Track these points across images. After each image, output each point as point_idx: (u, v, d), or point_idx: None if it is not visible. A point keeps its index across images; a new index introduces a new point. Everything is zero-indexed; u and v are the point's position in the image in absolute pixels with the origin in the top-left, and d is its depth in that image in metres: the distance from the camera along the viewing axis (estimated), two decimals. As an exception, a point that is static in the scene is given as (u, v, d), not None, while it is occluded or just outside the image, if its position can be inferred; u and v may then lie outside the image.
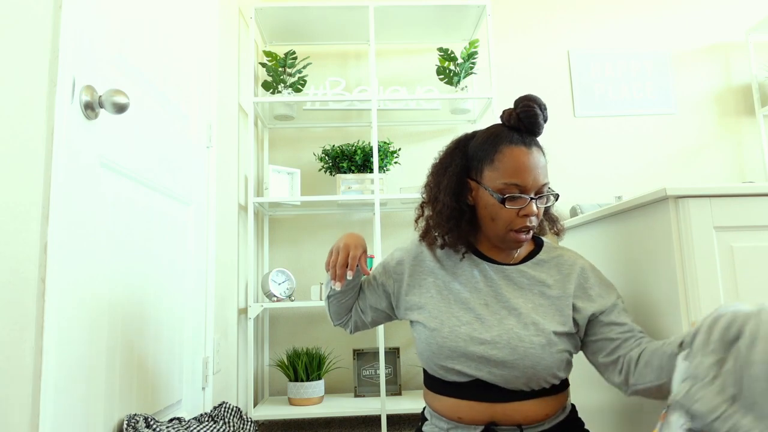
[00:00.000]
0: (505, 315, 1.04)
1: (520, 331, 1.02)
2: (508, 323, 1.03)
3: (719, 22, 2.72)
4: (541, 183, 1.04)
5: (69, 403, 0.94)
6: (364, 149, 2.31)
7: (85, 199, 1.00)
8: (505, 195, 1.02)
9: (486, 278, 1.09)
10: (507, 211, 1.03)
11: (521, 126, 1.06)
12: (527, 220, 1.03)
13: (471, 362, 1.02)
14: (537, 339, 1.01)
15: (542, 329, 1.02)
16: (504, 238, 1.06)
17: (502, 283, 1.08)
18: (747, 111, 2.65)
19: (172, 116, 1.45)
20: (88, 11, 1.02)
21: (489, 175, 1.05)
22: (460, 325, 1.04)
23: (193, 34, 1.63)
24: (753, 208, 1.05)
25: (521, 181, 1.02)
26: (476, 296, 1.08)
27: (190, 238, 1.54)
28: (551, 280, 1.08)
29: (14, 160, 0.82)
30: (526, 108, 1.04)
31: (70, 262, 0.94)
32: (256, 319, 2.35)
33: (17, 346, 0.81)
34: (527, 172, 1.02)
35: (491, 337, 1.02)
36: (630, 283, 1.25)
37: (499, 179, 1.03)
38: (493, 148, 1.06)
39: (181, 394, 1.44)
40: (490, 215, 1.06)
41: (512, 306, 1.05)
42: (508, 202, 1.03)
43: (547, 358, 1.00)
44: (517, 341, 1.01)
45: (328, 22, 2.39)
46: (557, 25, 2.69)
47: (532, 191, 1.03)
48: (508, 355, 1.00)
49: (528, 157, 1.03)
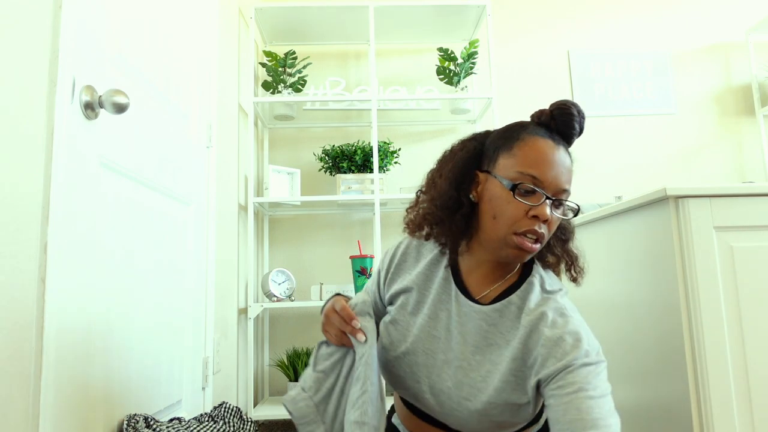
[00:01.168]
0: (448, 358, 0.91)
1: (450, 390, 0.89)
2: (445, 372, 0.90)
3: (719, 22, 2.72)
4: (563, 186, 0.86)
5: (69, 403, 0.94)
6: (364, 149, 2.31)
7: (85, 199, 1.00)
8: (517, 183, 0.84)
9: (449, 306, 0.94)
10: (514, 206, 0.84)
11: (552, 125, 0.90)
12: (536, 224, 0.84)
13: (407, 393, 0.95)
14: (466, 404, 0.87)
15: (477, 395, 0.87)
16: (504, 241, 0.86)
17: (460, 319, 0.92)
18: (747, 111, 2.65)
19: (172, 116, 1.45)
20: (88, 11, 1.02)
21: (503, 162, 0.88)
22: (407, 353, 0.93)
23: (193, 34, 1.63)
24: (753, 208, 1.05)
25: (539, 173, 0.84)
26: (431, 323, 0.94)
27: (190, 238, 1.54)
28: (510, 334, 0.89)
29: (14, 160, 0.82)
30: (562, 107, 0.89)
31: (70, 262, 0.94)
32: (256, 319, 2.35)
33: (17, 346, 0.81)
34: (549, 165, 0.85)
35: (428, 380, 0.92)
36: (630, 283, 1.25)
37: (515, 167, 0.85)
38: (515, 135, 0.89)
39: (181, 394, 1.44)
40: (493, 211, 0.86)
41: (458, 351, 0.90)
42: (519, 193, 0.84)
43: (473, 423, 0.88)
44: (446, 398, 0.89)
45: (328, 22, 2.39)
46: (557, 25, 2.69)
47: (551, 190, 0.85)
48: (437, 405, 0.91)
49: (553, 151, 0.86)
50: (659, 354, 1.12)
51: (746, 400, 1.00)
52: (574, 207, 0.89)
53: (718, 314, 1.02)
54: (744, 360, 1.01)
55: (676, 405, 1.06)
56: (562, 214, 0.88)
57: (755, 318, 1.02)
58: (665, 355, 1.10)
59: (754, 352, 1.02)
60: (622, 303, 1.28)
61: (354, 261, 2.16)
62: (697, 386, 1.01)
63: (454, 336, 0.91)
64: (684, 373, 1.03)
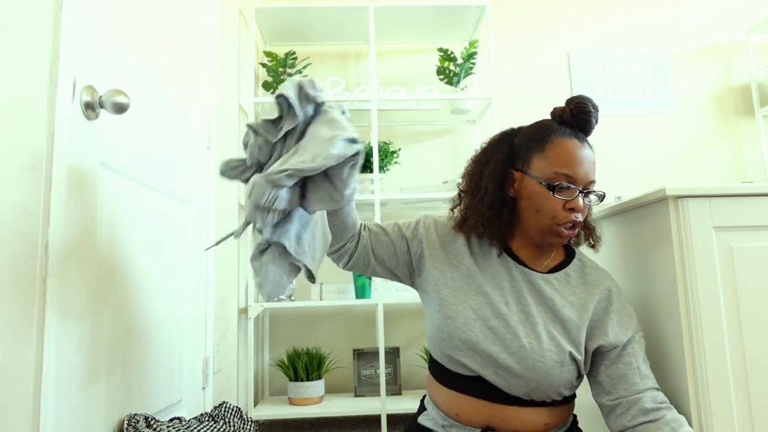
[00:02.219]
0: (522, 320, 1.01)
1: (533, 342, 0.98)
2: (522, 330, 1.00)
3: (719, 22, 2.72)
4: (591, 178, 1.02)
5: (69, 403, 0.94)
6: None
7: (86, 199, 1.00)
8: (555, 183, 0.99)
9: (511, 278, 1.05)
10: (554, 202, 1.00)
11: (573, 122, 1.04)
12: (573, 215, 1.00)
13: (478, 358, 0.99)
14: (550, 354, 0.98)
15: (558, 346, 0.98)
16: (547, 231, 1.01)
17: (525, 288, 1.04)
18: (747, 111, 2.65)
19: (173, 116, 1.45)
20: (88, 11, 1.02)
21: (538, 163, 1.02)
22: (476, 319, 1.01)
23: (193, 34, 1.63)
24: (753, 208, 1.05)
25: (572, 171, 0.99)
26: (498, 293, 1.04)
27: (190, 238, 1.54)
28: (574, 297, 1.04)
29: (15, 159, 0.82)
30: (580, 105, 1.03)
31: (70, 262, 0.94)
32: (256, 319, 2.35)
33: (17, 346, 0.81)
34: (579, 163, 1.00)
35: (504, 339, 0.99)
36: (629, 283, 1.25)
37: (550, 168, 1.00)
38: (544, 137, 1.03)
39: (181, 393, 1.44)
40: (534, 207, 1.02)
41: (530, 313, 1.01)
42: (557, 191, 0.99)
43: (555, 375, 0.97)
44: (528, 352, 0.98)
45: (328, 22, 2.39)
46: (557, 25, 2.69)
47: (582, 185, 1.01)
48: (516, 363, 0.98)
49: (580, 150, 1.01)
50: (659, 354, 1.12)
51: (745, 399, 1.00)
52: (601, 194, 1.05)
53: (717, 314, 1.02)
54: (743, 360, 1.01)
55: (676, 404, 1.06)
56: (590, 202, 1.04)
57: (754, 318, 1.03)
58: (664, 355, 1.10)
59: (754, 352, 1.02)
60: (622, 303, 1.28)
61: (354, 261, 2.16)
62: (696, 386, 1.01)
63: (524, 299, 1.03)
64: (683, 373, 1.03)
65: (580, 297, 1.04)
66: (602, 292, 1.05)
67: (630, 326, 1.03)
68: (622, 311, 1.04)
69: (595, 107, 1.03)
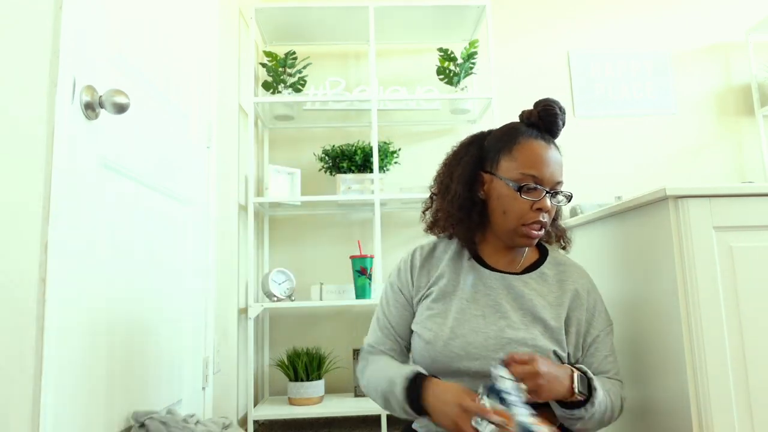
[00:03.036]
0: (501, 327, 1.01)
1: (517, 348, 0.98)
2: (504, 337, 1.00)
3: (719, 22, 2.72)
4: (557, 179, 1.04)
5: (69, 403, 0.94)
6: (364, 149, 2.31)
7: (86, 199, 1.00)
8: (522, 184, 1.01)
9: (486, 287, 1.06)
10: (521, 203, 1.01)
11: (540, 124, 1.06)
12: (540, 215, 1.02)
13: (465, 377, 0.99)
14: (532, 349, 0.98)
15: (540, 345, 0.99)
16: (515, 232, 1.03)
17: (502, 293, 1.05)
18: (747, 111, 2.65)
19: (173, 116, 1.45)
20: (88, 11, 1.02)
21: (506, 165, 1.04)
22: (453, 338, 1.00)
23: (193, 34, 1.63)
24: (753, 208, 1.05)
25: (538, 172, 1.01)
26: (474, 307, 1.04)
27: (190, 238, 1.54)
28: (552, 296, 1.06)
29: (15, 159, 0.82)
30: (546, 107, 1.06)
31: (70, 262, 0.94)
32: (256, 319, 2.35)
33: (17, 346, 0.81)
34: (545, 164, 1.02)
35: (486, 352, 0.99)
36: (629, 283, 1.25)
37: (517, 169, 1.02)
38: (512, 139, 1.06)
39: (181, 394, 1.44)
40: (502, 208, 1.04)
41: (510, 318, 1.02)
42: (524, 192, 1.01)
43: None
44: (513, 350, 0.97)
45: (328, 22, 2.39)
46: (557, 25, 2.69)
47: (548, 185, 1.02)
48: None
49: (547, 151, 1.03)
50: (658, 354, 1.12)
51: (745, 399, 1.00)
52: (568, 194, 1.06)
53: (717, 314, 1.02)
54: (743, 360, 1.01)
55: (676, 404, 1.06)
56: (558, 202, 1.06)
57: (755, 318, 1.02)
58: (664, 355, 1.10)
59: (754, 352, 1.02)
60: (622, 303, 1.28)
61: (354, 261, 2.16)
62: (696, 386, 1.01)
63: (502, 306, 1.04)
64: (683, 373, 1.03)
65: (557, 295, 1.06)
66: (574, 288, 1.07)
67: (600, 323, 1.07)
68: (593, 308, 1.07)
69: (561, 110, 1.07)
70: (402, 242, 2.49)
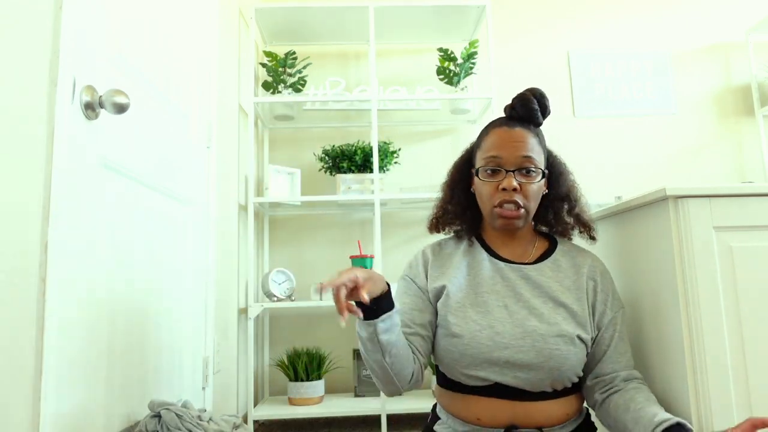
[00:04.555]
0: (525, 315, 1.02)
1: (544, 332, 0.99)
2: (530, 324, 1.00)
3: (719, 22, 2.72)
4: (521, 155, 1.03)
5: (69, 403, 0.94)
6: (364, 149, 2.31)
7: (86, 199, 1.00)
8: (479, 167, 1.06)
9: (504, 279, 1.07)
10: (486, 186, 1.05)
11: (514, 114, 1.08)
12: (508, 195, 1.02)
13: (495, 367, 0.99)
14: (561, 339, 0.99)
15: (565, 330, 1.00)
16: (491, 215, 1.06)
17: (520, 283, 1.06)
18: (747, 111, 2.65)
19: (173, 116, 1.45)
20: (88, 11, 1.02)
21: (478, 156, 1.09)
22: (480, 329, 1.01)
23: (193, 34, 1.63)
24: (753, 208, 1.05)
25: (498, 152, 1.04)
26: (495, 298, 1.04)
27: (190, 238, 1.54)
28: (569, 281, 1.07)
29: (15, 159, 0.82)
30: (520, 96, 1.08)
31: (70, 261, 0.94)
32: (256, 319, 2.35)
33: (17, 346, 0.81)
34: (505, 144, 1.04)
35: (514, 340, 0.99)
36: (629, 283, 1.25)
37: (482, 156, 1.07)
38: (482, 133, 1.11)
39: (181, 393, 1.44)
40: (479, 196, 1.09)
41: (532, 306, 1.03)
42: (483, 173, 1.05)
43: (571, 357, 0.99)
44: (542, 343, 0.99)
45: (328, 22, 2.39)
46: (557, 25, 2.69)
47: (512, 165, 1.03)
48: (533, 357, 0.98)
49: (509, 133, 1.05)
50: (659, 353, 1.12)
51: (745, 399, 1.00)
52: (537, 168, 1.05)
53: (717, 314, 1.02)
54: (743, 360, 1.01)
55: (676, 404, 1.06)
56: (533, 179, 1.04)
57: (755, 318, 1.02)
58: (664, 355, 1.10)
59: (754, 352, 1.02)
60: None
61: (354, 261, 2.16)
62: (696, 386, 1.01)
63: (522, 295, 1.04)
64: (683, 373, 1.03)
65: (573, 279, 1.07)
66: (589, 271, 1.09)
67: (614, 305, 1.08)
68: (608, 290, 1.09)
69: (536, 94, 1.07)
70: (402, 242, 2.49)
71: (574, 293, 1.06)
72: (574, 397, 1.05)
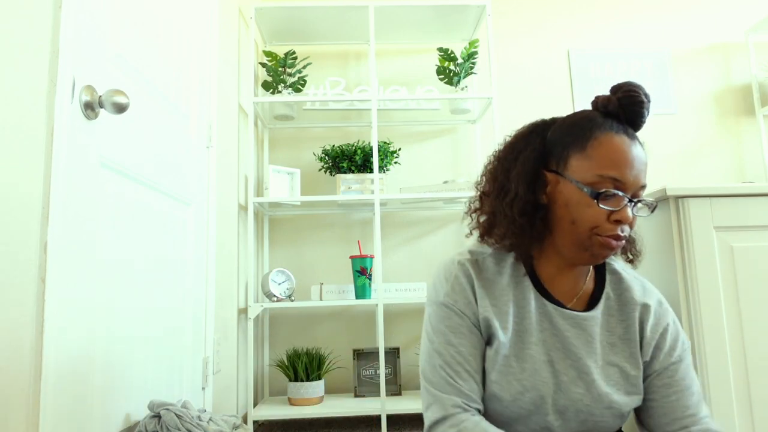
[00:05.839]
0: (573, 378, 0.85)
1: (590, 404, 0.84)
2: (577, 392, 0.85)
3: (719, 22, 2.72)
4: (642, 183, 0.83)
5: (69, 403, 0.94)
6: (364, 149, 2.31)
7: (85, 199, 1.00)
8: (600, 190, 0.81)
9: (552, 326, 0.88)
10: (596, 212, 0.82)
11: (621, 114, 0.85)
12: (618, 228, 0.82)
13: (535, 426, 0.86)
14: (609, 412, 0.85)
15: (615, 401, 0.85)
16: (584, 246, 0.84)
17: (570, 334, 0.87)
18: (747, 111, 2.65)
19: (172, 116, 1.45)
20: (88, 11, 1.02)
21: (578, 165, 0.84)
22: (523, 392, 0.84)
23: (193, 34, 1.63)
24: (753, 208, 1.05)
25: (621, 174, 0.81)
26: (541, 351, 0.86)
27: (190, 238, 1.54)
28: (620, 328, 0.89)
29: (14, 159, 0.82)
30: (629, 93, 0.85)
31: (70, 262, 0.94)
32: (256, 319, 2.35)
33: (17, 346, 0.81)
34: (629, 165, 0.82)
35: (559, 407, 0.85)
36: (630, 283, 1.25)
37: (593, 170, 0.82)
38: (585, 133, 0.85)
39: (181, 394, 1.44)
40: (571, 216, 0.84)
41: (582, 367, 0.86)
42: (602, 200, 0.81)
43: (615, 424, 0.87)
44: (587, 415, 0.85)
45: (328, 22, 2.39)
46: (557, 25, 2.69)
47: (631, 191, 0.82)
48: (576, 426, 0.86)
49: (630, 149, 0.82)
50: (659, 354, 1.12)
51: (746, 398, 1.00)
52: (652, 203, 0.86)
53: (718, 313, 1.02)
54: (744, 358, 1.01)
55: (676, 405, 1.06)
56: (641, 211, 0.86)
57: (755, 317, 1.02)
58: (665, 355, 1.10)
59: (754, 351, 1.02)
60: (622, 303, 1.28)
61: (354, 261, 2.16)
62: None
63: (572, 352, 0.87)
64: (684, 373, 1.02)
65: (624, 323, 0.90)
66: (641, 315, 0.90)
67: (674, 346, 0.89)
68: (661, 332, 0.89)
69: (647, 96, 0.85)
70: (402, 242, 2.49)
71: (627, 342, 0.89)
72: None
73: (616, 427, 0.88)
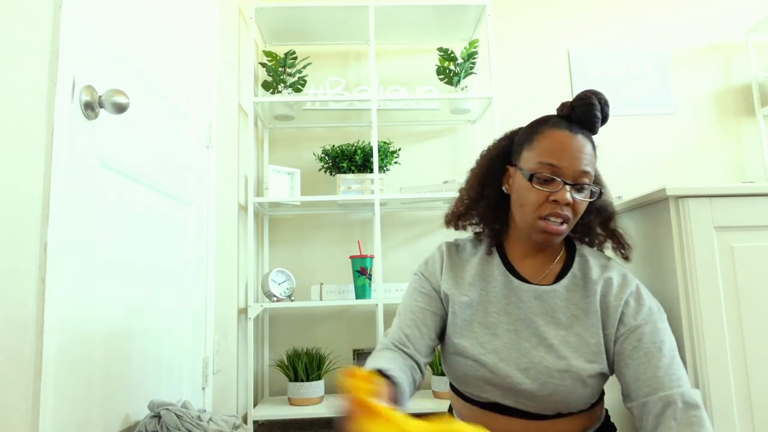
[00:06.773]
0: (534, 344, 0.95)
1: (550, 366, 0.92)
2: (536, 355, 0.94)
3: (719, 22, 2.72)
4: (580, 169, 0.93)
5: (69, 403, 0.94)
6: (364, 149, 2.31)
7: (85, 199, 1.00)
8: (536, 173, 0.94)
9: (517, 299, 0.99)
10: (535, 194, 0.94)
11: (573, 116, 0.98)
12: (557, 208, 0.93)
13: (497, 391, 0.95)
14: (568, 375, 0.92)
15: (574, 366, 0.92)
16: (532, 226, 0.95)
17: (533, 306, 0.98)
18: (747, 111, 2.65)
19: (172, 116, 1.44)
20: (88, 11, 1.02)
21: (526, 156, 0.97)
22: (485, 353, 0.95)
23: (193, 34, 1.63)
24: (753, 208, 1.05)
25: (556, 160, 0.93)
26: (505, 320, 0.98)
27: (190, 238, 1.54)
28: (585, 302, 0.97)
29: (14, 159, 0.82)
30: (581, 98, 0.97)
31: (70, 261, 0.94)
32: (256, 319, 2.35)
33: (17, 346, 0.81)
34: (564, 153, 0.93)
35: (518, 368, 0.94)
36: (630, 283, 1.25)
37: (535, 159, 0.95)
38: (535, 129, 0.99)
39: (181, 394, 1.44)
40: (519, 200, 0.97)
41: (542, 334, 0.95)
42: (537, 181, 0.94)
43: (579, 392, 0.93)
44: (547, 376, 0.92)
45: (328, 22, 2.39)
46: (557, 25, 2.69)
47: (569, 177, 0.93)
48: (537, 389, 0.93)
49: (570, 140, 0.94)
50: (659, 354, 1.12)
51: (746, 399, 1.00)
52: (595, 189, 0.97)
53: (718, 314, 1.02)
54: (744, 360, 1.01)
55: (676, 405, 1.05)
56: (585, 197, 0.96)
57: (755, 318, 1.02)
58: (665, 355, 1.10)
59: (754, 352, 1.02)
60: (622, 303, 1.28)
61: (354, 261, 2.16)
62: (696, 386, 1.01)
63: (534, 321, 0.97)
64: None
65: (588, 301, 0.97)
66: (603, 288, 0.98)
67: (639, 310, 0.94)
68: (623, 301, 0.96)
69: (601, 101, 0.97)
70: (402, 242, 2.49)
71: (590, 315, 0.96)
72: (590, 412, 0.98)
73: (582, 397, 0.93)
